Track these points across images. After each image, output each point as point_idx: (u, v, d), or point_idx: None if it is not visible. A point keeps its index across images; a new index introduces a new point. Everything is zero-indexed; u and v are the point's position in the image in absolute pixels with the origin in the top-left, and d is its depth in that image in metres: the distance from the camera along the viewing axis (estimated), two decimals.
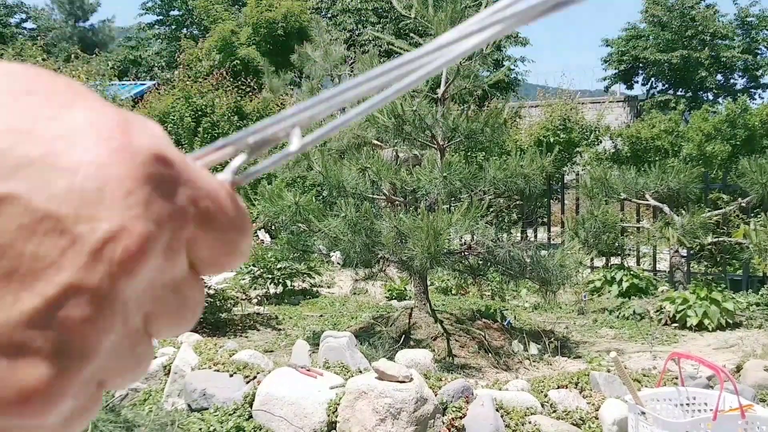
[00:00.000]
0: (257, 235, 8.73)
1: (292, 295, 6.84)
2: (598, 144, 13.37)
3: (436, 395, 3.16)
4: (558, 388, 3.38)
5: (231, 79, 13.43)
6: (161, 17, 27.99)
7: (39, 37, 12.87)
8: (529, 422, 3.10)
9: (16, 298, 0.23)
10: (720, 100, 22.66)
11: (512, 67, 22.30)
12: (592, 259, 7.80)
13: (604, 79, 24.75)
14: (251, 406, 3.38)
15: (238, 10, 21.21)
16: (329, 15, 22.77)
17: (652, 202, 6.70)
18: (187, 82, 12.23)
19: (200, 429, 3.31)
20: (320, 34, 8.23)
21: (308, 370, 3.39)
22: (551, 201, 9.72)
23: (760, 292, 6.37)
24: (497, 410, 3.11)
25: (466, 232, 4.32)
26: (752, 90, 23.31)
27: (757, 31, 22.96)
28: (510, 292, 6.99)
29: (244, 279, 6.79)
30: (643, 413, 2.71)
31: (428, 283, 5.09)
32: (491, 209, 5.58)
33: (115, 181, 0.24)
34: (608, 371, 3.49)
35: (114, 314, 0.24)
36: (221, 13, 19.16)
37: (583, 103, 16.56)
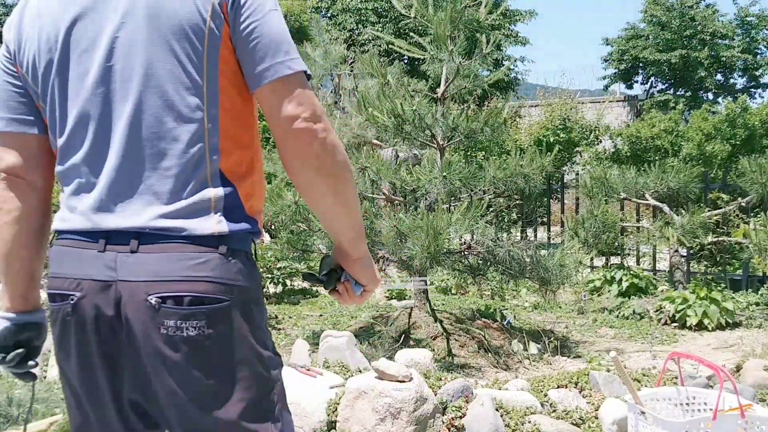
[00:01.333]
0: None
1: (292, 295, 6.84)
2: (597, 143, 13.39)
3: (435, 395, 3.16)
4: (558, 387, 3.38)
5: None
6: None
7: None
8: (529, 422, 3.10)
9: None
10: (720, 99, 22.67)
11: (512, 66, 22.30)
12: (591, 259, 7.80)
13: (604, 78, 24.75)
14: None
15: None
16: (329, 14, 22.75)
17: (652, 201, 6.70)
18: None
19: None
20: (320, 34, 8.23)
21: (308, 370, 3.39)
22: (551, 200, 9.72)
23: (759, 292, 6.37)
24: (497, 410, 3.11)
25: (466, 231, 4.32)
26: (752, 90, 23.31)
27: (756, 30, 22.94)
28: (510, 292, 6.99)
29: None
30: (643, 413, 2.71)
31: (428, 282, 5.09)
32: (491, 209, 5.58)
33: None
34: (608, 371, 3.49)
35: None
36: None
37: (582, 103, 16.58)
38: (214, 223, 1.18)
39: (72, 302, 1.18)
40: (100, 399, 1.23)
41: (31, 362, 1.37)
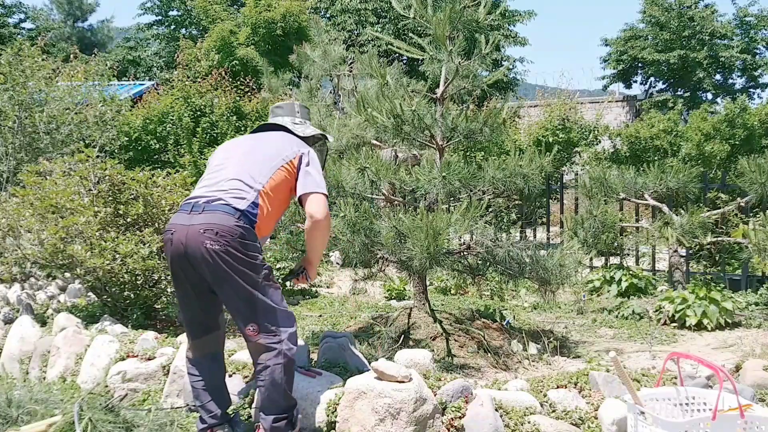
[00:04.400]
0: None
1: (291, 295, 6.84)
2: (597, 144, 13.38)
3: (435, 395, 3.16)
4: (557, 387, 3.38)
5: (230, 79, 13.42)
6: (160, 17, 27.97)
7: (39, 37, 12.83)
8: (529, 422, 3.10)
9: None
10: (719, 99, 22.66)
11: (511, 66, 22.31)
12: (591, 259, 7.80)
13: (603, 78, 24.77)
14: (250, 406, 3.37)
15: (236, 10, 21.19)
16: (328, 15, 22.76)
17: (651, 201, 6.70)
18: (186, 83, 12.23)
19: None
20: (319, 34, 8.21)
21: (307, 370, 3.39)
22: (550, 201, 9.72)
23: (759, 292, 6.37)
24: (496, 410, 3.11)
25: (466, 231, 4.31)
26: (751, 90, 23.29)
27: (755, 30, 22.94)
28: (509, 292, 6.99)
29: None
30: (642, 413, 2.71)
31: (427, 283, 5.08)
32: (490, 209, 5.57)
33: None
34: (607, 371, 3.49)
35: None
36: (220, 14, 19.15)
37: (582, 103, 16.57)
38: (240, 207, 2.88)
39: (170, 235, 2.91)
40: (184, 280, 2.95)
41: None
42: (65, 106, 9.36)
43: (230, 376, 3.58)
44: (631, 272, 6.96)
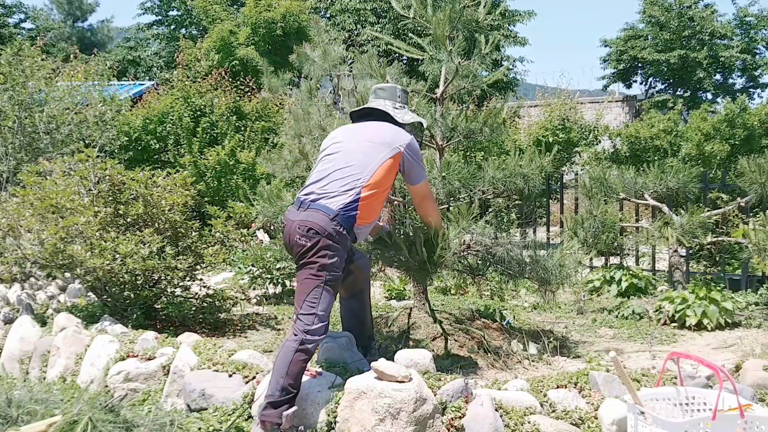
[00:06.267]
0: (256, 235, 8.73)
1: (292, 295, 6.84)
2: (597, 144, 13.38)
3: (435, 395, 3.16)
4: (557, 387, 3.38)
5: (230, 79, 13.44)
6: (160, 17, 27.99)
7: (39, 37, 12.83)
8: (529, 422, 3.10)
9: None
10: (719, 99, 22.66)
11: (511, 66, 22.31)
12: (591, 259, 7.80)
13: (603, 78, 24.77)
14: (250, 406, 3.38)
15: (236, 10, 21.20)
16: (328, 15, 22.76)
17: (651, 201, 6.70)
18: (186, 83, 12.23)
19: (199, 429, 3.31)
20: (319, 34, 8.21)
21: (307, 370, 3.39)
22: (550, 201, 9.72)
23: (759, 292, 6.37)
24: (496, 410, 3.11)
25: (465, 232, 4.31)
26: (751, 90, 23.29)
27: (755, 30, 22.94)
28: (509, 292, 6.99)
29: (243, 279, 6.79)
30: (642, 413, 2.71)
31: (427, 283, 5.08)
32: (490, 209, 5.57)
33: None
34: (607, 371, 3.49)
35: None
36: (220, 14, 19.15)
37: (582, 103, 16.56)
38: (336, 209, 3.24)
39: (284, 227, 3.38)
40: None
41: None
42: (65, 106, 9.36)
43: (230, 376, 3.58)
44: (631, 272, 6.96)
